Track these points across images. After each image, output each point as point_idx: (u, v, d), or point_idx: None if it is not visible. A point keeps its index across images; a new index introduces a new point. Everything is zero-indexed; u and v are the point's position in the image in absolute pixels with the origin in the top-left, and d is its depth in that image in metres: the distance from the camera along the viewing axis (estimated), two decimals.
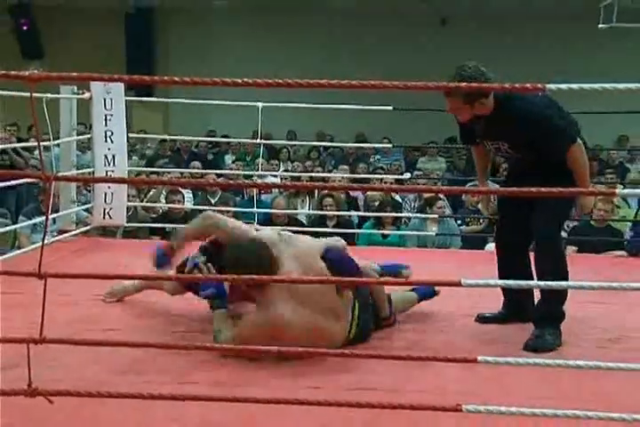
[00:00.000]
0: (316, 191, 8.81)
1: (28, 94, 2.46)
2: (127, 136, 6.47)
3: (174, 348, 3.42)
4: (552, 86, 2.09)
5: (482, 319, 4.26)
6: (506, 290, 4.20)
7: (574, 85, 2.13)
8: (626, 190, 5.64)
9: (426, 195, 8.31)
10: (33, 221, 7.08)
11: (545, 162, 3.91)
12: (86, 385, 2.93)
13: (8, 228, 6.89)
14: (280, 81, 2.34)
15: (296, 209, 8.57)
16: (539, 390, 3.21)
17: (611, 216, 7.27)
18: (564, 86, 2.15)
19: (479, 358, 2.63)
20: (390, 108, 6.66)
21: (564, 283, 3.65)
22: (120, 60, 14.93)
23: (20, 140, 10.85)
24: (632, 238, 6.82)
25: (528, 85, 2.10)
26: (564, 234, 6.44)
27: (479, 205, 4.48)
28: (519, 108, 3.75)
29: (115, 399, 2.72)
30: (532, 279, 3.93)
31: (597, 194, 3.70)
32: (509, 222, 4.19)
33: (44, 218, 6.84)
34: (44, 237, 2.53)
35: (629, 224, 7.44)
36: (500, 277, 4.12)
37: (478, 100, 3.73)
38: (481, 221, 8.22)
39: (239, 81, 2.29)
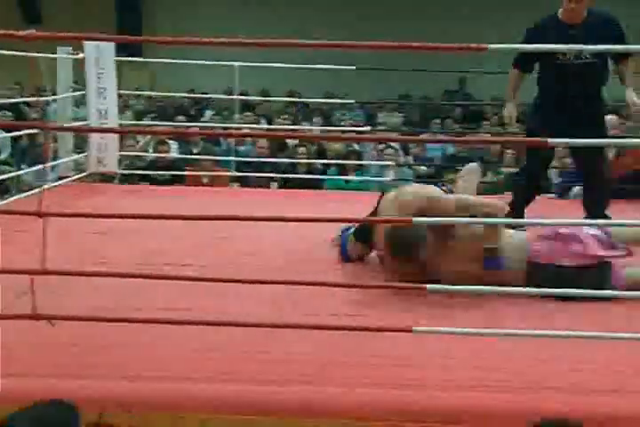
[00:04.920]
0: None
1: (27, 54, 2.41)
2: (118, 93, 6.41)
3: (163, 278, 3.40)
4: None
5: None
6: None
7: None
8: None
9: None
10: (33, 168, 6.97)
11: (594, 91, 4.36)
12: (85, 312, 2.93)
13: (9, 175, 6.74)
14: (253, 41, 2.30)
15: None
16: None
17: None
18: None
19: (428, 286, 2.67)
20: (354, 67, 6.59)
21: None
22: (111, 27, 14.70)
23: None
24: (559, 183, 6.86)
25: None
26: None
27: (506, 116, 4.46)
28: (610, 18, 4.30)
29: (111, 324, 2.74)
30: None
31: None
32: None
33: (43, 165, 6.76)
34: (45, 180, 2.50)
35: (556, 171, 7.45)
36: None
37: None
38: (432, 167, 8.22)
39: (216, 40, 2.25)
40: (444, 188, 3.97)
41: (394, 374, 2.61)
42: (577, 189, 6.12)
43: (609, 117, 5.38)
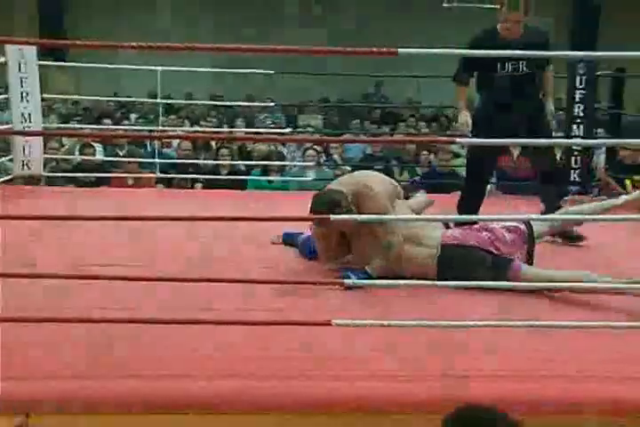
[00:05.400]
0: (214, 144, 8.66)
1: None
2: (42, 96, 6.30)
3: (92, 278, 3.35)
4: None
5: None
6: None
7: None
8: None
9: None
10: None
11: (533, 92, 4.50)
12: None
13: None
14: (174, 45, 2.30)
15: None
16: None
17: (451, 162, 7.50)
18: None
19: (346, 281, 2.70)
20: (272, 72, 6.58)
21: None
22: (34, 30, 14.37)
23: None
24: None
25: None
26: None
27: (460, 123, 4.52)
28: (543, 33, 4.45)
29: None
30: None
31: None
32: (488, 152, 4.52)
33: None
34: None
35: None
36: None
37: (525, 18, 4.29)
38: (349, 168, 8.29)
39: (135, 44, 2.24)
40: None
41: (393, 367, 2.59)
42: (489, 186, 6.26)
43: None
